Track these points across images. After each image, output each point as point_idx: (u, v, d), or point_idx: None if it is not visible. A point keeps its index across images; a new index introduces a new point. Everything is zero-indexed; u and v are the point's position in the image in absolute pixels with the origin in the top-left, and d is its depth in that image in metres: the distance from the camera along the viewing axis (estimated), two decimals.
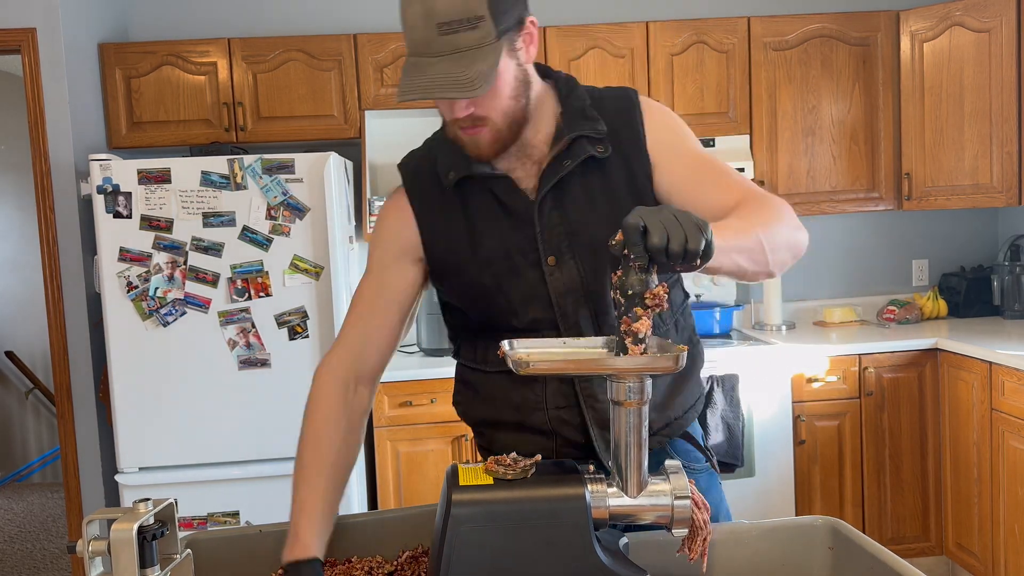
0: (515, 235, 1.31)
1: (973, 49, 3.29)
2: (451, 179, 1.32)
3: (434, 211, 1.35)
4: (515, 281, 1.31)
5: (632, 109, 1.36)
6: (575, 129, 1.30)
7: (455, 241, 1.34)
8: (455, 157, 1.32)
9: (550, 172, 1.30)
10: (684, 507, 1.02)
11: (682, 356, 0.98)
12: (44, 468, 5.36)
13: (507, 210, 1.31)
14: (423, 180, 1.38)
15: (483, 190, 1.33)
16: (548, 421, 1.33)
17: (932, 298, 3.74)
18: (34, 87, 3.05)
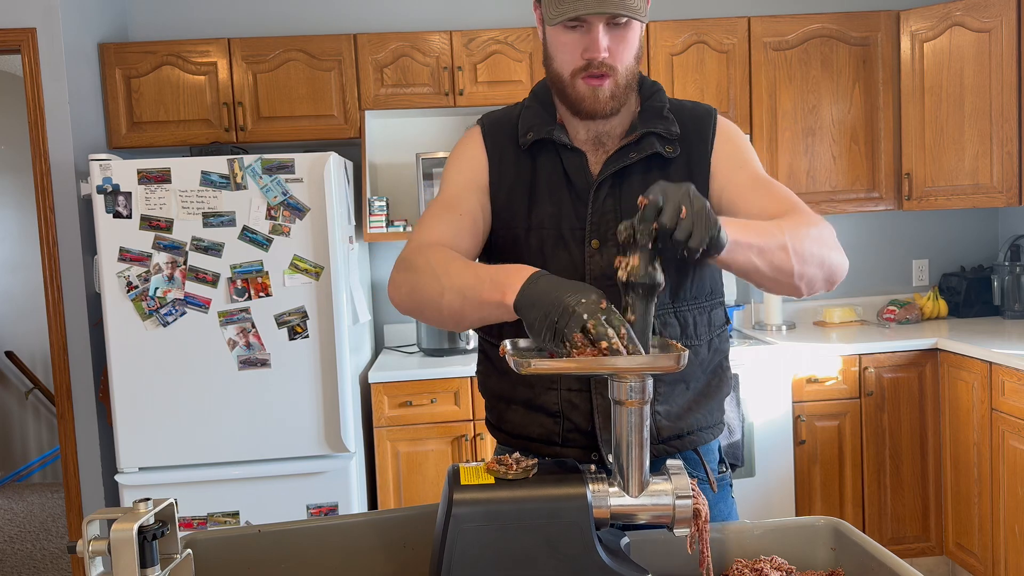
0: (570, 210, 1.35)
1: (973, 49, 3.29)
2: (529, 138, 1.37)
3: (505, 161, 1.39)
4: (558, 253, 1.34)
5: (708, 120, 1.40)
6: (649, 126, 1.35)
7: (516, 196, 1.38)
8: (537, 120, 1.38)
9: (615, 159, 1.35)
10: (685, 507, 1.02)
11: (683, 356, 0.98)
12: (44, 468, 5.36)
13: (571, 184, 1.36)
14: (500, 133, 1.42)
15: (554, 158, 1.37)
16: (559, 402, 1.34)
17: (932, 298, 3.74)
18: (34, 87, 3.05)
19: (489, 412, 1.49)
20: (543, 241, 1.35)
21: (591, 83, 1.29)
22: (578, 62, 1.28)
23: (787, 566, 1.14)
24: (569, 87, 1.31)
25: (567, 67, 1.30)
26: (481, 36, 3.35)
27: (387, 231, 3.33)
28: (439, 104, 3.36)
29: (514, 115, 1.43)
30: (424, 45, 3.34)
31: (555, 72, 1.33)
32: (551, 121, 1.39)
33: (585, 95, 1.30)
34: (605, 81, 1.28)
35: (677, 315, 1.36)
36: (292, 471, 2.87)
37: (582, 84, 1.29)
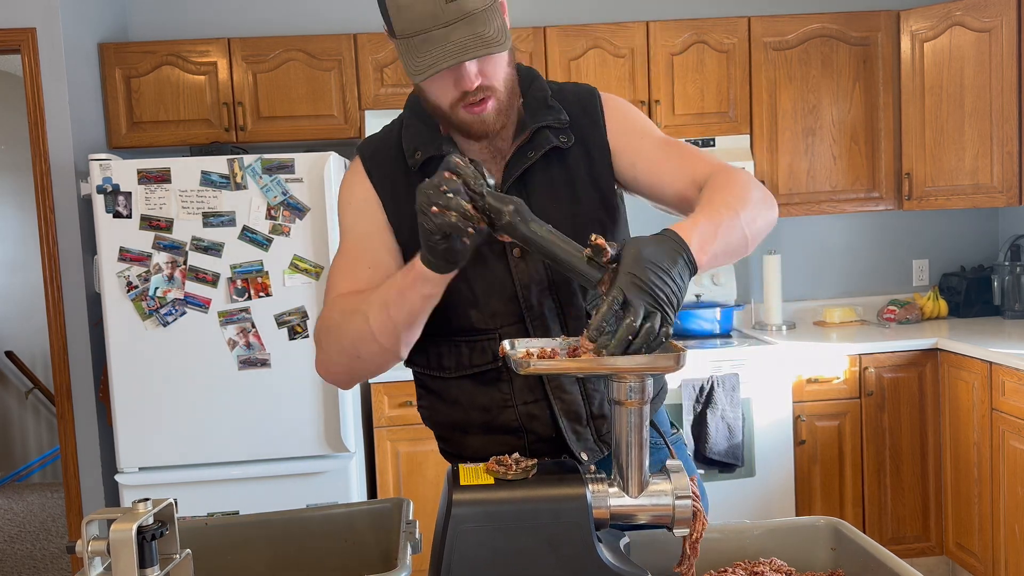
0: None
1: (973, 49, 3.29)
2: (418, 159, 1.29)
3: (397, 191, 1.31)
4: (480, 271, 1.28)
5: (592, 99, 1.36)
6: (538, 119, 1.30)
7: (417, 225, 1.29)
8: (422, 137, 1.30)
9: (514, 163, 1.29)
10: (685, 507, 1.02)
11: (682, 356, 0.98)
12: (44, 468, 5.36)
13: None
14: (383, 161, 1.34)
15: None
16: (518, 418, 1.31)
17: (932, 298, 3.74)
18: (34, 87, 3.05)
19: (444, 443, 1.45)
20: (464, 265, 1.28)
21: (472, 111, 1.21)
22: (453, 94, 1.20)
23: (786, 568, 1.14)
24: (452, 117, 1.23)
25: (442, 100, 1.21)
26: None
27: None
28: None
29: (394, 136, 1.34)
30: None
31: (431, 105, 1.24)
32: (436, 135, 1.30)
33: (469, 122, 1.22)
34: (487, 104, 1.21)
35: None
36: (292, 471, 2.87)
37: (464, 113, 1.21)
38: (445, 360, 1.34)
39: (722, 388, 3.06)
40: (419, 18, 1.12)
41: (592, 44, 3.38)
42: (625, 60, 3.39)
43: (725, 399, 3.06)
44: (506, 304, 1.29)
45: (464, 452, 1.39)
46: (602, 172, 1.33)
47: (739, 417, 3.07)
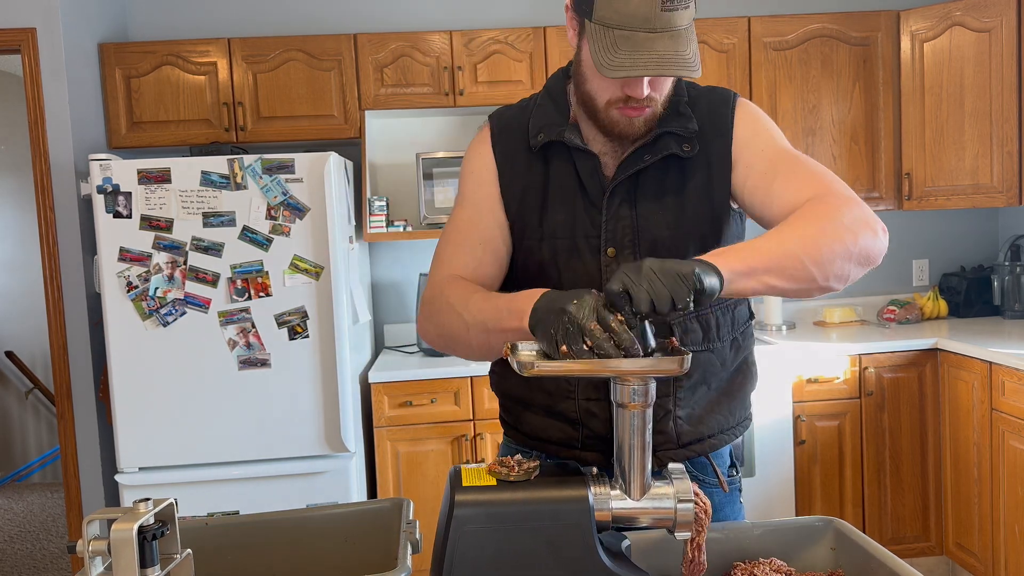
0: (584, 217, 1.29)
1: (973, 49, 3.29)
2: (540, 140, 1.30)
3: (515, 168, 1.33)
4: (573, 262, 1.29)
5: (725, 109, 1.32)
6: (665, 124, 1.27)
7: (527, 205, 1.32)
8: (548, 120, 1.31)
9: (628, 163, 1.28)
10: (687, 510, 1.02)
11: (686, 360, 0.98)
12: (44, 468, 5.36)
13: (584, 190, 1.29)
14: (510, 136, 1.35)
15: (567, 162, 1.31)
16: (577, 411, 1.32)
17: (932, 298, 3.74)
18: (34, 87, 3.05)
19: (505, 412, 1.46)
20: (556, 251, 1.30)
21: (628, 113, 1.21)
22: (616, 94, 1.20)
23: (786, 568, 1.14)
24: (602, 113, 1.23)
25: (602, 95, 1.22)
26: (481, 36, 3.35)
27: (387, 231, 3.33)
28: (439, 104, 3.36)
29: (526, 113, 1.36)
30: (424, 45, 3.34)
31: (587, 94, 1.24)
32: (563, 121, 1.31)
33: (619, 122, 1.23)
34: (644, 111, 1.22)
35: (699, 319, 1.32)
36: (292, 471, 2.87)
37: (616, 113, 1.22)
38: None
39: None
40: (630, 15, 1.10)
41: None
42: None
43: None
44: None
45: (520, 427, 1.41)
46: (719, 185, 1.29)
47: None
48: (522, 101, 1.41)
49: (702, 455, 1.36)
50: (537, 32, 3.37)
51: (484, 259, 1.31)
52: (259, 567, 1.24)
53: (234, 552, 1.24)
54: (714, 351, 1.34)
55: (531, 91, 3.33)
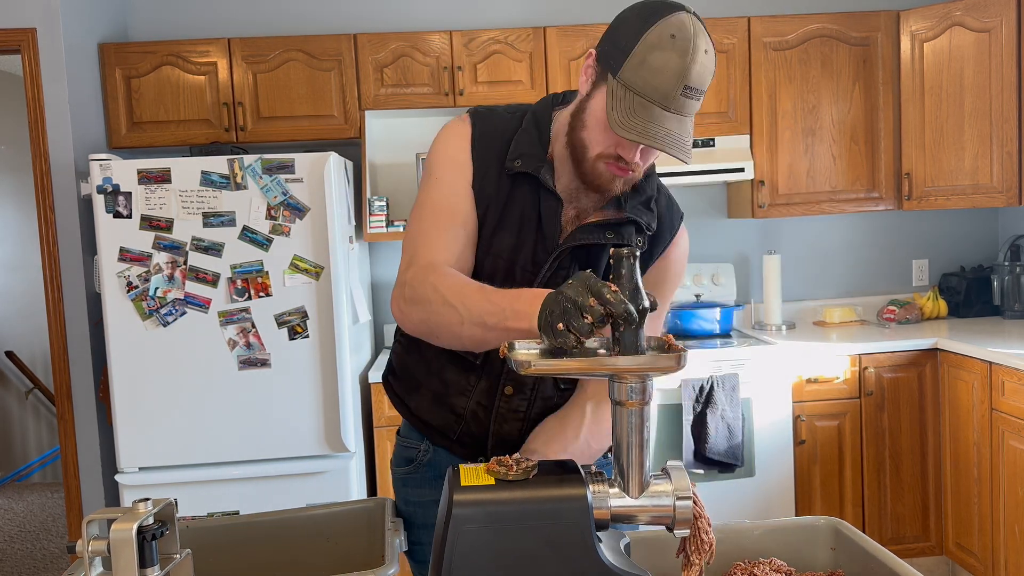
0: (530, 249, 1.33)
1: (973, 49, 3.29)
2: (516, 166, 1.33)
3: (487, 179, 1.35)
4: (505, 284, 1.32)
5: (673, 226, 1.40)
6: (636, 211, 1.34)
7: (486, 218, 1.35)
8: (529, 150, 1.33)
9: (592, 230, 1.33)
10: (686, 507, 1.02)
11: (683, 357, 0.98)
12: (44, 468, 5.36)
13: (539, 226, 1.33)
14: (489, 145, 1.36)
15: (532, 194, 1.34)
16: (466, 408, 1.39)
17: (932, 298, 3.74)
18: (34, 87, 3.05)
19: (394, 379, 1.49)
20: (496, 266, 1.33)
21: (614, 171, 1.26)
22: (609, 150, 1.25)
23: (786, 568, 1.14)
24: (589, 163, 1.27)
25: (596, 147, 1.26)
26: (481, 36, 3.35)
27: (387, 231, 3.33)
28: (439, 104, 3.36)
29: (508, 129, 1.37)
30: (424, 45, 3.34)
31: (580, 140, 1.27)
32: (542, 155, 1.33)
33: (603, 176, 1.27)
34: (627, 174, 1.27)
35: None
36: (292, 471, 2.87)
37: (603, 167, 1.26)
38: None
39: (722, 388, 3.06)
40: (654, 87, 1.16)
41: (592, 44, 3.37)
42: None
43: (725, 399, 3.06)
44: None
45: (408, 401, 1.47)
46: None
47: (739, 417, 3.07)
48: (506, 111, 1.40)
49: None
50: (537, 32, 3.37)
51: (465, 244, 1.32)
52: (245, 566, 1.25)
53: (217, 552, 1.24)
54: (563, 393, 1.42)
55: (531, 91, 3.35)
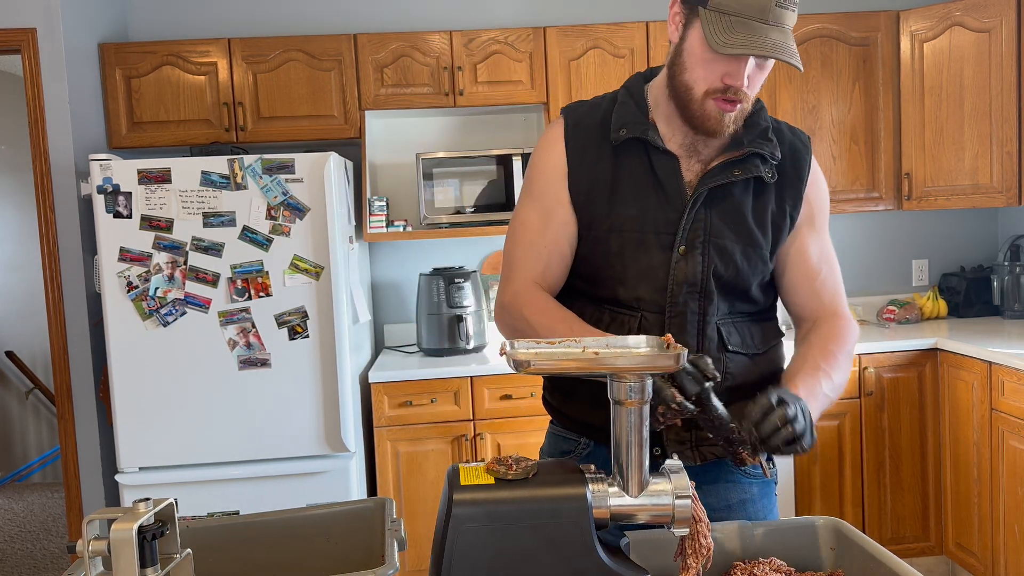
0: (658, 213, 1.35)
1: (973, 49, 3.29)
2: (622, 135, 1.36)
3: (586, 161, 1.38)
4: (639, 254, 1.35)
5: (804, 157, 1.42)
6: (756, 146, 1.35)
7: (595, 197, 1.37)
8: (631, 118, 1.37)
9: (718, 173, 1.34)
10: (685, 506, 1.02)
11: (682, 355, 0.98)
12: (44, 468, 5.36)
13: (660, 188, 1.35)
14: (584, 129, 1.41)
15: (642, 159, 1.36)
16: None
17: (932, 298, 3.74)
18: (34, 87, 3.05)
19: (550, 395, 1.51)
20: (624, 244, 1.35)
21: (723, 107, 1.27)
22: (715, 83, 1.26)
23: (786, 568, 1.14)
24: (697, 104, 1.29)
25: (701, 84, 1.27)
26: (481, 36, 3.35)
27: (387, 231, 3.33)
28: (439, 104, 3.36)
29: (603, 109, 1.41)
30: (424, 45, 3.34)
31: (684, 84, 1.30)
32: (644, 120, 1.37)
33: (712, 115, 1.28)
34: (736, 106, 1.28)
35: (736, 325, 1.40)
36: (292, 471, 2.87)
37: (712, 105, 1.28)
38: (586, 319, 1.38)
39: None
40: (748, 3, 1.19)
41: (592, 44, 3.38)
42: (625, 60, 3.40)
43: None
44: (653, 293, 1.35)
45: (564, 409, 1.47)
46: (784, 224, 1.39)
47: None
48: (595, 98, 1.47)
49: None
50: (537, 32, 3.37)
51: (552, 262, 1.40)
52: (245, 566, 1.25)
53: (217, 552, 1.24)
54: (750, 357, 1.41)
55: (531, 91, 3.35)
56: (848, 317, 1.44)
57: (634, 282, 1.35)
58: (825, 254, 1.44)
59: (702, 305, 1.35)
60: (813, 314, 1.44)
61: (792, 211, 1.39)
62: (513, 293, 1.39)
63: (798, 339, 1.46)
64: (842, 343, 1.38)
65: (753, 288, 1.40)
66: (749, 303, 1.41)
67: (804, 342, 1.41)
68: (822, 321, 1.42)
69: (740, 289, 1.38)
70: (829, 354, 1.34)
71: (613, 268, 1.36)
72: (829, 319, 1.42)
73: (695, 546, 1.05)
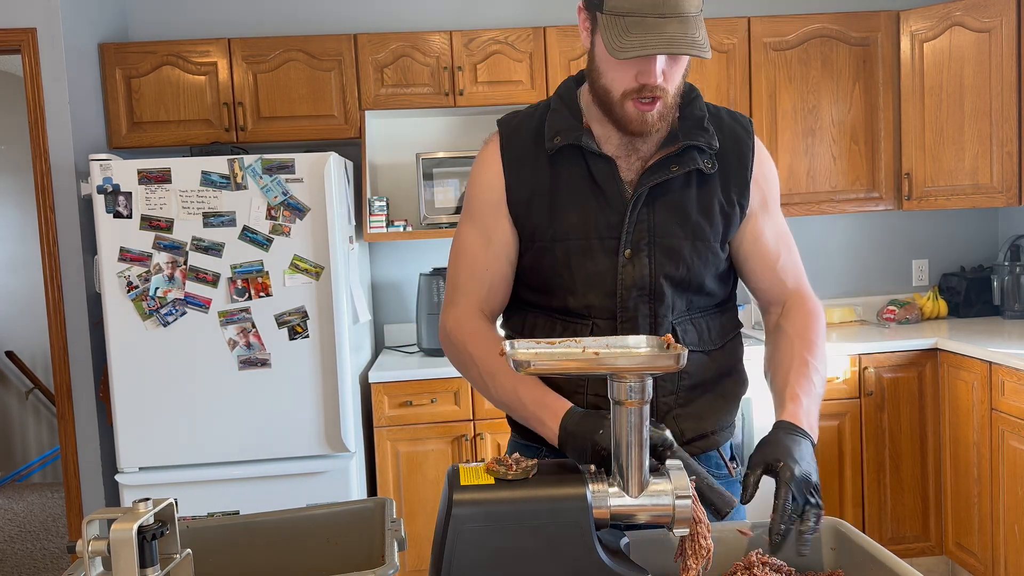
0: (600, 218, 1.33)
1: (973, 49, 3.29)
2: (556, 143, 1.33)
3: (523, 173, 1.37)
4: (585, 261, 1.33)
5: (747, 138, 1.39)
6: (691, 138, 1.32)
7: (536, 208, 1.35)
8: (564, 124, 1.34)
9: (656, 171, 1.32)
10: (685, 507, 1.02)
11: (682, 356, 0.98)
12: (44, 468, 5.36)
13: (600, 193, 1.33)
14: (520, 139, 1.39)
15: (580, 165, 1.34)
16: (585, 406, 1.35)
17: (932, 298, 3.74)
18: (34, 87, 3.05)
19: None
20: (568, 251, 1.33)
21: (641, 107, 1.25)
22: (630, 84, 1.24)
23: (786, 568, 1.14)
24: (617, 107, 1.27)
25: (617, 87, 1.25)
26: (481, 36, 3.35)
27: (387, 231, 3.33)
28: (439, 104, 3.36)
29: (538, 118, 1.39)
30: (424, 45, 3.34)
31: (602, 88, 1.28)
32: (578, 126, 1.34)
33: (633, 117, 1.26)
34: (656, 104, 1.25)
35: (693, 322, 1.38)
36: (292, 471, 2.87)
37: (631, 106, 1.25)
38: (537, 331, 1.38)
39: None
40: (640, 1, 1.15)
41: None
42: None
43: None
44: (603, 299, 1.34)
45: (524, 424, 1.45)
46: (733, 212, 1.37)
47: (738, 417, 3.07)
48: (528, 107, 1.45)
49: (706, 451, 1.41)
50: (537, 32, 3.37)
51: (495, 284, 1.40)
52: (245, 566, 1.24)
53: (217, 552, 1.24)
54: (707, 353, 1.39)
55: (531, 91, 3.35)
56: (812, 295, 1.44)
57: (583, 290, 1.34)
58: (781, 235, 1.43)
59: (653, 307, 1.34)
60: (779, 297, 1.44)
61: (740, 199, 1.37)
62: (455, 320, 1.38)
63: (770, 326, 1.46)
64: (817, 327, 1.38)
65: (708, 281, 1.38)
66: (706, 297, 1.40)
67: (781, 333, 1.40)
68: (791, 306, 1.42)
69: (694, 285, 1.36)
70: (811, 344, 1.34)
71: (561, 277, 1.35)
72: (797, 303, 1.42)
73: (695, 547, 1.05)
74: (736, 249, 1.42)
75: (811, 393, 1.27)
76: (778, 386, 1.32)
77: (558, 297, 1.36)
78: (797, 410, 1.24)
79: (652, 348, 1.05)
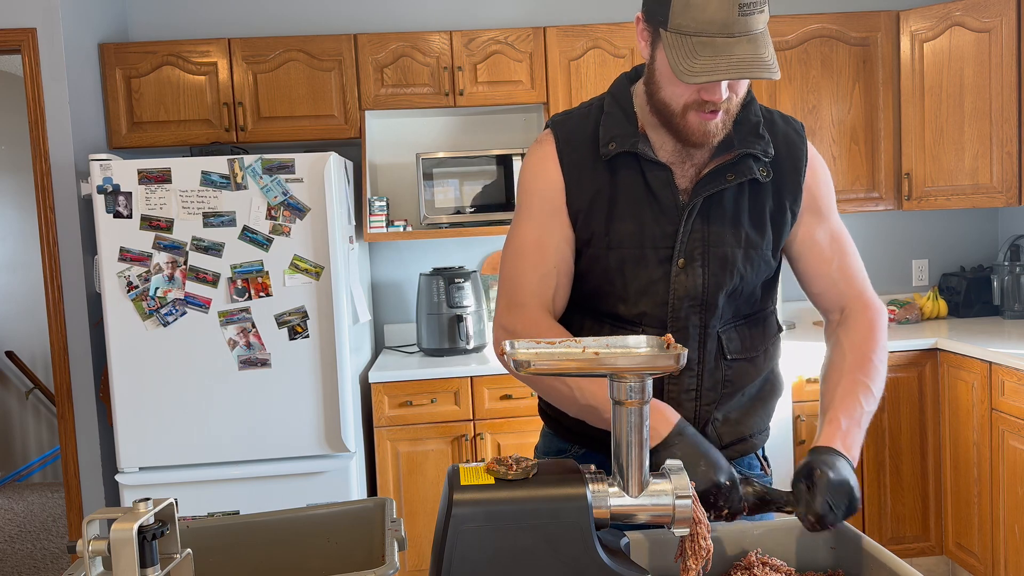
0: (654, 227, 1.31)
1: (973, 49, 3.29)
2: (611, 150, 1.31)
3: (582, 179, 1.34)
4: (638, 270, 1.32)
5: (800, 143, 1.37)
6: (747, 145, 1.30)
7: (594, 215, 1.33)
8: (620, 130, 1.31)
9: (710, 180, 1.30)
10: (685, 507, 1.02)
11: (682, 356, 0.98)
12: (44, 468, 5.36)
13: (655, 201, 1.31)
14: (575, 145, 1.36)
15: (635, 172, 1.32)
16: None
17: (932, 298, 3.74)
18: (34, 87, 3.05)
19: (546, 404, 1.48)
20: (622, 258, 1.32)
21: (704, 118, 1.22)
22: (692, 97, 1.21)
23: (786, 568, 1.14)
24: (678, 118, 1.24)
25: (678, 100, 1.22)
26: (481, 36, 3.35)
27: (387, 231, 3.33)
28: (439, 104, 3.36)
29: (591, 121, 1.36)
30: (424, 45, 3.34)
31: (662, 101, 1.25)
32: (633, 131, 1.32)
33: (695, 129, 1.24)
34: (718, 115, 1.23)
35: (737, 329, 1.38)
36: (292, 471, 2.87)
37: (693, 117, 1.22)
38: (585, 332, 1.36)
39: None
40: (708, 21, 1.11)
41: (592, 44, 3.38)
42: (625, 60, 3.40)
43: None
44: (654, 308, 1.33)
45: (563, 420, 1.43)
46: (786, 218, 1.36)
47: None
48: (582, 107, 1.41)
49: (744, 455, 1.43)
50: (537, 32, 3.37)
51: (560, 285, 1.36)
52: (245, 566, 1.24)
53: (217, 552, 1.24)
54: (750, 360, 1.39)
55: (531, 91, 3.35)
56: (873, 302, 1.39)
57: (635, 298, 1.33)
58: (836, 239, 1.40)
59: (703, 317, 1.33)
60: (837, 302, 1.40)
61: (792, 205, 1.35)
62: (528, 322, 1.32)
63: (828, 333, 1.43)
64: (874, 339, 1.34)
65: (757, 290, 1.38)
66: (752, 304, 1.39)
67: (836, 345, 1.38)
68: (849, 314, 1.38)
69: (745, 294, 1.36)
70: (863, 360, 1.32)
71: (613, 285, 1.33)
72: (857, 311, 1.38)
73: (695, 547, 1.05)
74: (791, 254, 1.41)
75: (853, 415, 1.27)
76: (823, 405, 1.32)
77: (609, 303, 1.35)
78: (834, 433, 1.25)
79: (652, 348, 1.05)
